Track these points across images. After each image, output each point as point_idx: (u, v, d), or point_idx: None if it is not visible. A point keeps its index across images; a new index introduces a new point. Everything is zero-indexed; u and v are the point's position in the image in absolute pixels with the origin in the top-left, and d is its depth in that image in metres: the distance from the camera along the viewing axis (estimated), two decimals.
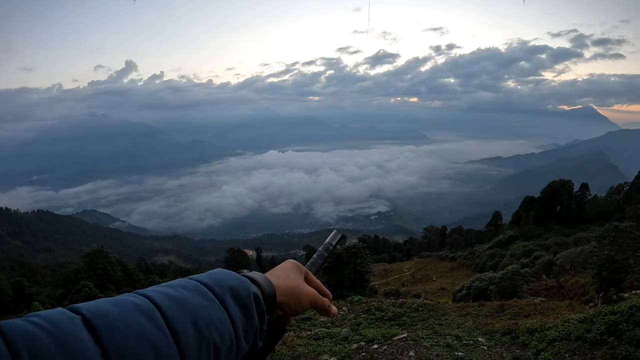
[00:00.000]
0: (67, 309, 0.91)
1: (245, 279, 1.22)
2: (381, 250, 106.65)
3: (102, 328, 0.89)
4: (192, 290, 1.08)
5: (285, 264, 1.46)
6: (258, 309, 1.18)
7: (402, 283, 55.94)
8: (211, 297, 1.09)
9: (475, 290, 28.54)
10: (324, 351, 9.73)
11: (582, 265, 31.43)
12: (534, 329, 10.68)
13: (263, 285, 1.26)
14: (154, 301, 1.00)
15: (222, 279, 1.17)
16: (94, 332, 0.89)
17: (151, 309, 0.97)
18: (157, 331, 0.94)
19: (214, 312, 1.06)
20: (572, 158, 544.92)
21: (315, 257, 1.62)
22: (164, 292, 1.04)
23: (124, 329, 0.90)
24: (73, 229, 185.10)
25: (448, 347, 10.15)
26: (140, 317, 0.94)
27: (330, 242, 1.73)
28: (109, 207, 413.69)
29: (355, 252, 30.56)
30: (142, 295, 1.02)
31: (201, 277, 1.16)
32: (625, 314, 8.77)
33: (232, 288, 1.15)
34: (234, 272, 1.26)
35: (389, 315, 14.81)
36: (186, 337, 0.98)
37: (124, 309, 0.94)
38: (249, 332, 1.15)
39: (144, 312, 0.96)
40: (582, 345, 8.64)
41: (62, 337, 0.86)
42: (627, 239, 22.95)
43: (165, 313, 0.98)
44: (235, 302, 1.13)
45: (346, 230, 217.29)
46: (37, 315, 0.88)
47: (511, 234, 69.46)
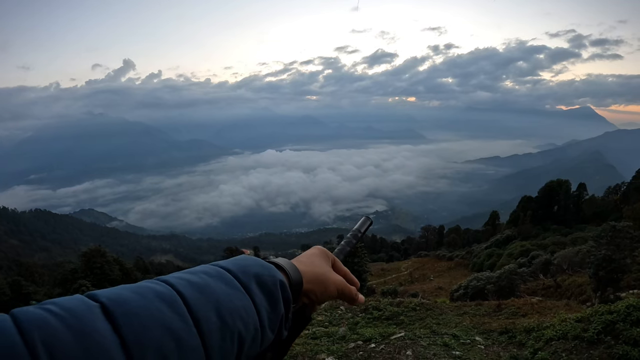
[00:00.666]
0: (86, 295, 0.88)
1: (271, 266, 1.16)
2: (379, 249, 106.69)
3: (121, 316, 0.84)
4: (216, 277, 1.04)
5: (312, 249, 1.39)
6: (284, 296, 1.13)
7: (400, 282, 55.97)
8: (235, 285, 1.05)
9: (473, 290, 28.55)
10: (322, 350, 9.74)
11: (579, 265, 31.46)
12: (531, 328, 10.70)
13: (289, 271, 1.19)
14: (176, 288, 0.96)
15: (246, 265, 1.12)
16: (113, 321, 0.84)
17: (173, 296, 0.93)
18: (179, 320, 0.90)
19: (238, 300, 1.02)
20: (569, 158, 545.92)
21: (344, 244, 1.56)
22: (187, 278, 1.00)
23: (144, 318, 0.86)
24: (70, 228, 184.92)
25: (445, 346, 10.16)
26: (161, 304, 0.90)
27: (359, 229, 1.66)
28: (106, 206, 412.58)
29: (353, 252, 30.50)
30: (163, 282, 0.98)
31: (225, 263, 1.11)
32: (622, 314, 8.79)
33: (258, 275, 1.10)
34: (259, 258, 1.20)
35: (387, 314, 14.82)
36: (209, 325, 0.94)
37: (145, 296, 0.91)
38: (275, 321, 1.10)
39: (166, 300, 0.92)
40: (579, 345, 8.65)
41: (79, 326, 0.82)
42: (624, 239, 22.97)
43: (187, 301, 0.94)
44: (261, 289, 1.08)
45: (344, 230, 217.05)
46: (53, 302, 0.84)
47: (509, 234, 69.54)
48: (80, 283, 36.03)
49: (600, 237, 23.94)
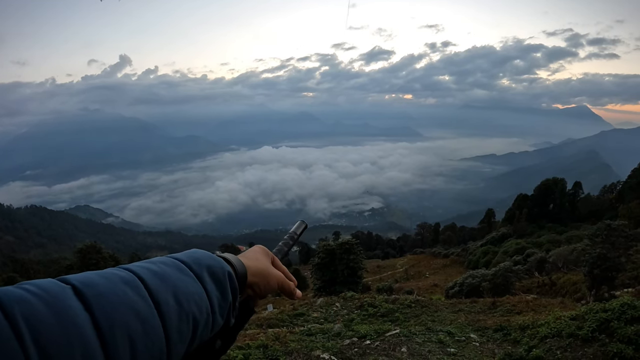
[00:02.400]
0: (57, 279, 0.96)
1: (220, 259, 1.28)
2: (374, 246, 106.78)
3: (91, 297, 0.93)
4: (172, 266, 1.14)
5: (255, 248, 1.53)
6: (232, 286, 1.25)
7: (395, 279, 56.12)
8: (189, 274, 1.15)
9: (468, 287, 28.64)
10: (317, 347, 9.75)
11: (574, 263, 31.58)
12: (526, 325, 10.73)
13: (236, 265, 1.31)
14: (138, 275, 1.05)
15: (199, 257, 1.22)
16: (84, 301, 0.92)
17: (136, 281, 1.02)
18: (142, 301, 0.99)
19: (192, 287, 1.12)
20: (565, 157, 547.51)
21: (281, 245, 1.74)
22: (147, 267, 1.10)
23: (111, 298, 0.95)
24: (66, 224, 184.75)
25: (440, 343, 10.18)
26: (126, 288, 0.99)
27: (295, 232, 1.87)
28: (102, 203, 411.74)
29: (349, 248, 30.57)
30: (126, 269, 1.07)
31: (180, 255, 1.22)
32: (617, 312, 8.82)
33: (209, 266, 1.21)
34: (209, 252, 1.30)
35: (382, 311, 14.86)
36: (168, 307, 1.03)
37: (111, 280, 1.00)
38: (224, 307, 1.21)
39: (129, 284, 1.01)
40: (574, 342, 8.68)
41: (55, 304, 0.88)
42: (619, 238, 23.07)
43: (148, 286, 1.03)
44: (212, 279, 1.19)
45: (339, 227, 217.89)
46: (30, 283, 0.91)
47: (504, 232, 69.71)
48: None
49: (596, 235, 24.04)
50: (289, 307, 17.78)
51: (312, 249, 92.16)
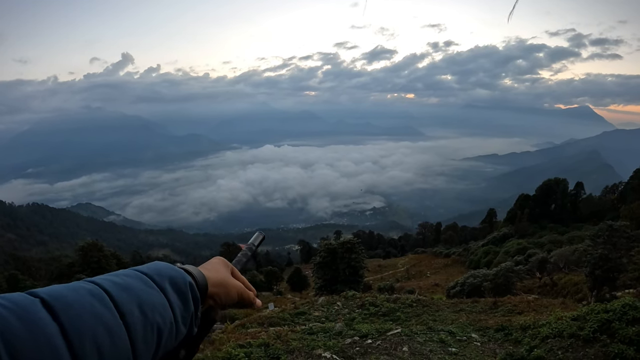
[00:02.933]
0: (26, 292, 0.99)
1: (181, 270, 1.32)
2: (376, 245, 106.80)
3: (60, 309, 0.96)
4: (136, 278, 1.18)
5: (214, 259, 1.57)
6: (193, 296, 1.29)
7: (397, 279, 56.24)
8: (152, 285, 1.19)
9: (469, 287, 28.64)
10: (318, 346, 9.76)
11: (575, 264, 31.57)
12: (527, 325, 10.74)
13: (196, 276, 1.35)
14: (103, 287, 1.08)
15: (161, 269, 1.27)
16: (52, 312, 0.95)
17: (101, 293, 1.06)
18: (108, 312, 1.03)
19: (155, 297, 1.17)
20: (567, 157, 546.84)
21: (240, 256, 1.77)
22: (111, 279, 1.14)
23: (79, 309, 0.99)
24: (68, 222, 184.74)
25: (442, 343, 10.19)
26: (92, 299, 1.03)
27: (253, 243, 1.90)
28: (103, 201, 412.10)
29: (350, 248, 30.60)
30: (91, 282, 1.10)
31: (142, 268, 1.25)
32: (618, 313, 8.82)
33: (171, 277, 1.25)
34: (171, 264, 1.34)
35: (383, 310, 14.87)
36: (133, 318, 1.07)
37: (78, 292, 1.03)
38: (186, 317, 1.26)
39: (96, 296, 1.04)
40: (575, 343, 8.69)
41: (26, 315, 0.92)
42: (621, 239, 23.06)
43: (114, 297, 1.07)
44: (174, 289, 1.24)
45: (341, 226, 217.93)
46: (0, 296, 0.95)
47: (505, 232, 69.71)
48: (77, 277, 35.85)
49: (597, 236, 24.03)
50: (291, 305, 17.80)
51: (313, 248, 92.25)
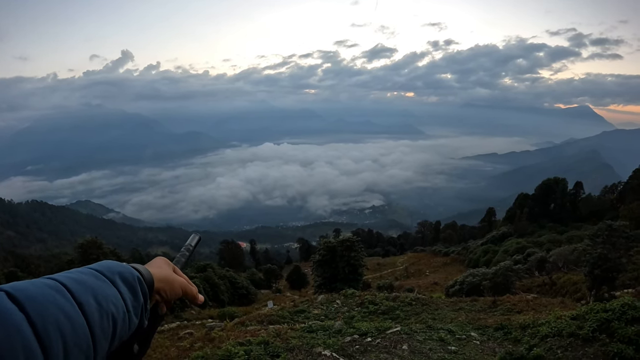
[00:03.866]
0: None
1: (129, 267, 1.41)
2: (375, 244, 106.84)
3: (24, 299, 1.04)
4: (88, 274, 1.28)
5: (157, 259, 1.67)
6: (142, 289, 1.39)
7: (396, 277, 56.27)
8: (104, 279, 1.29)
9: (468, 286, 28.66)
10: (318, 343, 9.78)
11: (574, 263, 31.57)
12: (527, 324, 10.76)
13: (143, 272, 1.44)
14: (60, 281, 1.17)
15: (110, 266, 1.36)
16: (17, 303, 1.03)
17: (59, 286, 1.15)
18: (67, 302, 1.12)
19: (108, 290, 1.27)
20: (567, 156, 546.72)
21: (179, 257, 1.87)
22: (67, 275, 1.22)
23: (41, 300, 1.07)
24: (67, 219, 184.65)
25: (441, 341, 10.21)
26: (52, 291, 1.12)
27: (190, 244, 2.00)
28: (103, 198, 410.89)
29: (349, 246, 30.62)
30: (49, 278, 1.19)
31: (92, 265, 1.34)
32: (617, 312, 8.84)
33: (120, 272, 1.35)
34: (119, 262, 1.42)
35: (383, 308, 14.90)
36: (90, 307, 1.16)
37: (38, 286, 1.12)
38: (137, 308, 1.35)
39: (54, 289, 1.13)
40: (574, 342, 8.71)
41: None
42: (620, 238, 23.06)
43: (71, 289, 1.16)
44: (124, 283, 1.33)
45: (340, 224, 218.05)
46: None
47: (505, 231, 69.76)
48: None
49: (596, 235, 24.03)
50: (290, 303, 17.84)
51: (312, 246, 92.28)
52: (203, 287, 48.48)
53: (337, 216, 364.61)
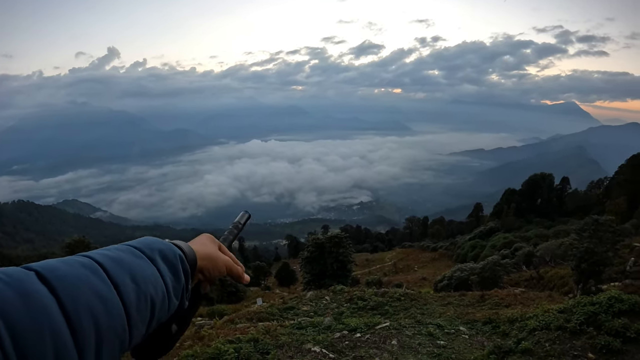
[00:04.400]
0: (21, 267, 0.99)
1: (171, 244, 1.34)
2: (363, 240, 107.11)
3: (54, 280, 0.97)
4: (127, 252, 1.20)
5: (202, 236, 1.59)
6: (183, 269, 1.30)
7: (384, 273, 56.46)
8: (143, 257, 1.21)
9: (457, 281, 28.80)
10: (307, 340, 9.78)
11: (561, 257, 31.79)
12: (515, 318, 10.81)
13: (185, 250, 1.36)
14: (95, 259, 1.10)
15: (150, 242, 1.29)
16: (48, 284, 0.96)
17: (94, 265, 1.07)
18: (102, 283, 1.04)
19: (147, 269, 1.18)
20: (553, 152, 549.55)
21: (227, 234, 1.81)
22: (103, 253, 1.15)
23: (73, 281, 1.00)
24: (54, 219, 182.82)
25: (430, 336, 10.24)
26: (86, 271, 1.04)
27: (239, 222, 1.94)
28: (90, 197, 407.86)
29: (338, 242, 30.62)
30: (84, 256, 1.11)
31: (133, 242, 1.28)
32: (604, 305, 8.90)
33: (161, 250, 1.27)
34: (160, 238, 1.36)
35: (372, 304, 14.90)
36: (126, 288, 1.09)
37: (71, 265, 1.04)
38: (178, 289, 1.27)
39: (89, 268, 1.05)
40: (562, 335, 8.76)
41: (22, 288, 0.92)
42: (606, 233, 23.24)
43: (106, 269, 1.08)
44: (164, 261, 1.25)
45: (328, 220, 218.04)
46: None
47: (492, 226, 70.15)
48: None
49: (583, 230, 24.20)
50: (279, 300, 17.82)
51: (301, 242, 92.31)
52: None
53: (325, 213, 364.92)
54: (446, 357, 9.14)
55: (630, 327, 8.19)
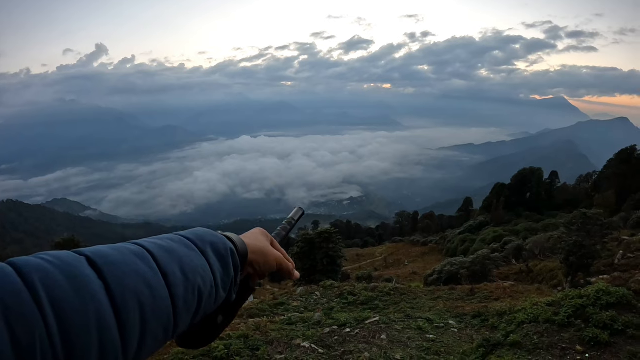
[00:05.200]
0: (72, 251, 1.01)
1: (222, 237, 1.35)
2: (353, 235, 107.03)
3: (104, 266, 0.98)
4: (178, 242, 1.20)
5: (255, 230, 1.61)
6: (233, 262, 1.31)
7: (375, 268, 56.34)
8: (194, 249, 1.21)
9: (446, 275, 28.84)
10: (297, 336, 9.77)
11: (550, 251, 31.95)
12: (504, 311, 10.85)
13: (237, 243, 1.38)
14: (146, 248, 1.11)
15: (202, 234, 1.30)
16: (97, 269, 0.97)
17: (144, 253, 1.08)
18: (151, 271, 1.05)
19: (197, 261, 1.18)
20: (542, 147, 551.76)
21: (280, 230, 1.80)
22: (154, 242, 1.16)
23: (122, 267, 1.01)
24: (43, 218, 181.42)
25: (419, 330, 10.26)
26: (135, 259, 1.05)
27: (293, 217, 1.92)
28: (79, 195, 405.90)
29: (328, 237, 30.65)
30: (135, 243, 1.13)
31: (184, 233, 1.28)
32: (592, 298, 8.95)
33: (212, 242, 1.27)
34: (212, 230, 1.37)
35: (362, 299, 14.91)
36: (175, 278, 1.09)
37: (121, 252, 1.06)
38: (226, 282, 1.28)
39: (139, 256, 1.06)
40: (550, 328, 8.79)
41: (71, 271, 0.93)
42: (594, 226, 23.37)
43: (156, 258, 1.09)
44: (215, 254, 1.25)
45: (318, 216, 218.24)
46: (47, 253, 0.97)
47: (482, 220, 70.35)
48: None
49: (572, 223, 24.31)
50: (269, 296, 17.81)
51: (291, 238, 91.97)
52: None
53: (316, 208, 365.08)
54: (435, 350, 9.16)
55: (618, 320, 8.23)
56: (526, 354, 8.32)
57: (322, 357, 8.94)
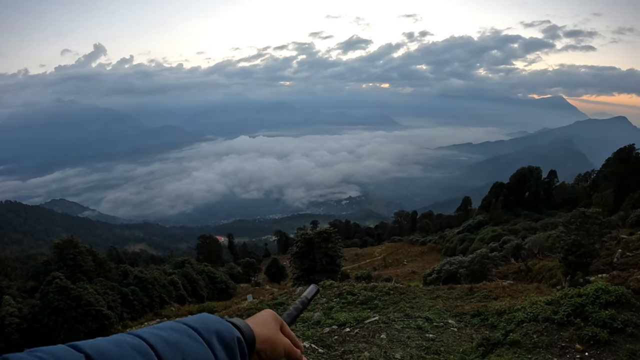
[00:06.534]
0: (68, 346, 0.99)
1: (229, 324, 1.32)
2: (352, 235, 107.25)
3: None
4: (181, 332, 1.18)
5: (264, 313, 1.56)
6: (240, 352, 1.29)
7: (374, 267, 56.45)
8: (199, 340, 1.19)
9: (446, 274, 28.84)
10: (297, 335, 9.74)
11: (549, 250, 31.93)
12: (503, 310, 10.86)
13: (244, 331, 1.35)
14: (148, 342, 1.09)
15: (208, 323, 1.27)
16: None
17: (146, 348, 1.06)
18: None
19: (201, 353, 1.16)
20: (540, 146, 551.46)
21: (292, 310, 1.72)
22: (156, 333, 1.13)
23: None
24: (42, 219, 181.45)
25: (419, 329, 10.27)
26: (137, 355, 1.03)
27: (307, 296, 1.82)
28: (78, 196, 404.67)
29: (327, 237, 30.67)
30: (136, 336, 1.10)
31: (189, 321, 1.26)
32: (591, 297, 8.97)
33: (218, 331, 1.25)
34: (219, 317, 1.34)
35: (361, 299, 14.91)
36: None
37: (122, 347, 1.03)
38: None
39: (140, 352, 1.04)
40: (550, 326, 8.81)
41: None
42: (593, 225, 23.35)
43: (159, 352, 1.07)
44: (221, 344, 1.23)
45: (317, 216, 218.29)
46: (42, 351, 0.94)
47: (480, 219, 70.33)
48: (53, 275, 35.46)
49: (570, 222, 24.30)
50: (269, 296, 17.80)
51: (290, 238, 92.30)
52: (182, 283, 48.30)
53: (314, 208, 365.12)
54: (435, 350, 9.17)
55: (617, 318, 8.25)
56: (526, 353, 8.34)
57: (322, 356, 8.95)
